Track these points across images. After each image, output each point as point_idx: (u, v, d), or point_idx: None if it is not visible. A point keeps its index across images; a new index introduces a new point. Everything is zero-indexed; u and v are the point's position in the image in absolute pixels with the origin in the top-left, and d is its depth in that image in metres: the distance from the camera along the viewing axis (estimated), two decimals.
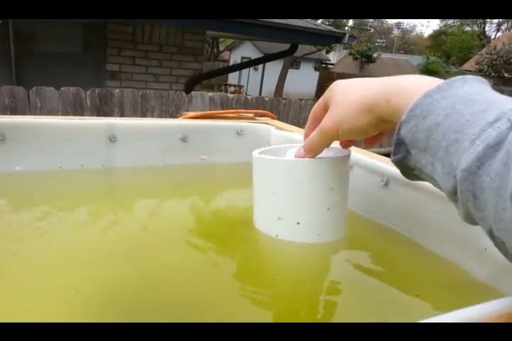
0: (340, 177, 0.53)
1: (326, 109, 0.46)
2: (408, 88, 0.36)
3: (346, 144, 0.54)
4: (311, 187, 0.52)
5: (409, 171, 0.38)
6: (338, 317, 0.43)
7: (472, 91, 0.32)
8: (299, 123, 3.34)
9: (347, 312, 0.44)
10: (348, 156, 0.54)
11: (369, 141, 0.50)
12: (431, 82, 0.35)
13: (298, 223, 0.52)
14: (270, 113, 0.99)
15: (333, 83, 0.47)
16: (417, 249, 0.56)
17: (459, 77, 0.35)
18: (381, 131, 0.45)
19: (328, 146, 0.50)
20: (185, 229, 0.59)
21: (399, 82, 0.38)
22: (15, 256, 0.47)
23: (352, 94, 0.42)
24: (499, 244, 0.30)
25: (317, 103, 0.48)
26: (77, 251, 0.49)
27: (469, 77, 0.34)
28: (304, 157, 0.51)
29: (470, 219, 0.32)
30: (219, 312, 0.41)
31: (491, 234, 0.30)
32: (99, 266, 0.47)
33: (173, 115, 2.83)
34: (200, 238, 0.57)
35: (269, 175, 0.54)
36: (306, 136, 0.50)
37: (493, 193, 0.27)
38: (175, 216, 0.65)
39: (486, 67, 19.14)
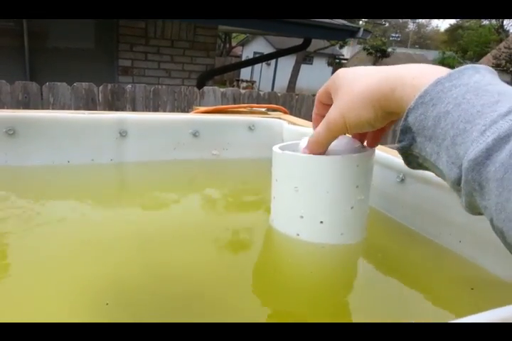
0: (366, 175, 0.52)
1: (329, 96, 0.46)
2: (416, 77, 0.36)
3: (359, 137, 0.53)
4: (337, 185, 0.50)
5: (413, 159, 0.38)
6: (358, 318, 0.42)
7: (484, 81, 0.32)
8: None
9: (368, 313, 0.42)
10: (373, 153, 0.52)
11: (371, 141, 0.51)
12: (439, 71, 0.35)
13: (321, 222, 0.51)
14: (282, 107, 0.97)
15: (337, 72, 0.45)
16: (435, 247, 0.55)
17: (470, 65, 0.34)
18: (383, 127, 0.44)
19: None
20: (196, 225, 0.58)
21: (404, 72, 0.37)
22: (24, 250, 0.46)
23: (357, 85, 0.41)
24: (498, 233, 0.30)
25: (321, 89, 0.47)
26: (86, 246, 0.48)
27: (480, 67, 0.34)
28: (309, 153, 0.49)
29: (472, 209, 0.32)
30: (230, 310, 0.40)
31: (492, 224, 0.30)
32: (108, 260, 0.46)
33: (185, 110, 2.83)
34: (213, 235, 0.56)
35: (293, 171, 0.52)
36: (315, 122, 0.50)
37: (497, 183, 0.27)
38: (186, 212, 0.63)
39: (503, 61, 18.82)
